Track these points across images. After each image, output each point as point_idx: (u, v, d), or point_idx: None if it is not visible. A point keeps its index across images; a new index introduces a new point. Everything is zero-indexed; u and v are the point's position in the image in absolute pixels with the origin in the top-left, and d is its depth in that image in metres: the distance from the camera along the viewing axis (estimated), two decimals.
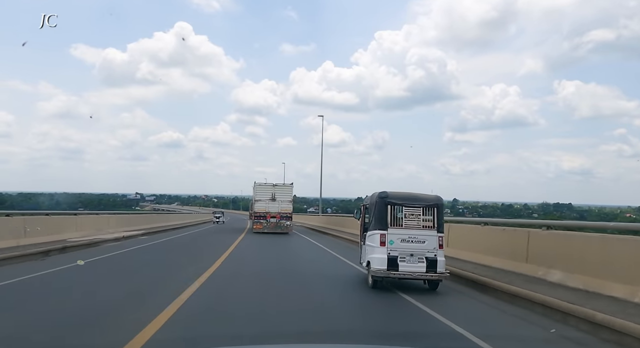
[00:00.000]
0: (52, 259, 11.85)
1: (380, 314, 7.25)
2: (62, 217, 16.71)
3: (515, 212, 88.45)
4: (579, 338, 5.67)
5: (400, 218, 8.66)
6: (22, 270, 9.78)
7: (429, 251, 8.48)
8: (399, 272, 8.37)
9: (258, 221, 25.39)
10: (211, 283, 8.83)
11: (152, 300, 7.22)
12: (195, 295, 7.47)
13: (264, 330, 5.71)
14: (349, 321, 6.53)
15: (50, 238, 14.17)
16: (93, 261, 11.84)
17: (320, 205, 44.64)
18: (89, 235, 16.71)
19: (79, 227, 16.79)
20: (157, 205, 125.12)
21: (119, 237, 18.30)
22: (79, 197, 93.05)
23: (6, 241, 12.14)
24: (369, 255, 8.90)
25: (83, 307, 6.76)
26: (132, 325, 5.44)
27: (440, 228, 8.64)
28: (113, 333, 5.29)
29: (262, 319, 6.24)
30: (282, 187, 26.30)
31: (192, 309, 6.58)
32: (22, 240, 12.86)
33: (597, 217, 65.94)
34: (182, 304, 6.71)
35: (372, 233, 8.89)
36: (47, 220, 14.90)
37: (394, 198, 8.73)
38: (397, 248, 8.46)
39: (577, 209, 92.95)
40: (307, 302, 7.75)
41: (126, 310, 6.60)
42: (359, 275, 10.41)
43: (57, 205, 59.55)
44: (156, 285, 8.93)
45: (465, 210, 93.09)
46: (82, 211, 30.37)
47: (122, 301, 7.25)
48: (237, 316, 6.36)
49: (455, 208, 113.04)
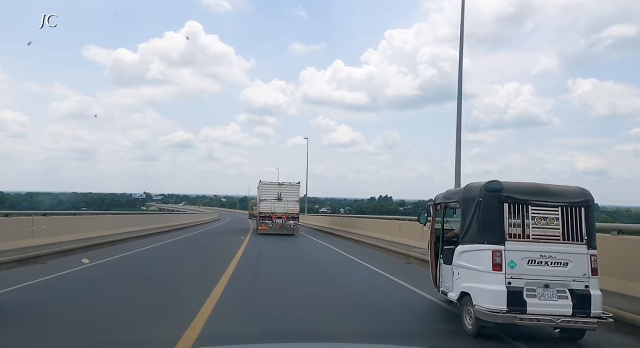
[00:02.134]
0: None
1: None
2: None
3: None
4: None
5: (524, 225, 5.32)
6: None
7: (575, 279, 5.13)
8: (528, 315, 5.02)
9: (263, 222, 23.99)
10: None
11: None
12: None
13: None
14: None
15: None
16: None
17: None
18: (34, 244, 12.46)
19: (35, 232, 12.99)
20: (164, 205, 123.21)
21: (68, 249, 12.95)
22: (84, 196, 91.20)
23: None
24: (468, 284, 5.56)
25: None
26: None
27: (591, 242, 5.28)
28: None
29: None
30: (288, 186, 24.64)
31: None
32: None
33: (629, 218, 61.98)
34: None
35: (473, 248, 5.53)
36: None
37: (515, 191, 5.36)
38: (521, 275, 5.13)
39: (603, 210, 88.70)
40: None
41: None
42: (428, 305, 7.29)
43: (59, 205, 58.08)
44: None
45: None
46: (83, 211, 29.08)
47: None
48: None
49: None
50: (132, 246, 16.18)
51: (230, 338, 5.17)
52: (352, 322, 6.26)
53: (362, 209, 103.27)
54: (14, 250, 11.25)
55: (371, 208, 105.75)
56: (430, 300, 7.56)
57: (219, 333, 5.37)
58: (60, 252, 12.42)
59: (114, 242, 16.55)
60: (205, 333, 5.13)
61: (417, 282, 8.95)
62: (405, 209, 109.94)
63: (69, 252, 12.82)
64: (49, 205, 54.70)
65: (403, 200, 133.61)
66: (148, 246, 16.48)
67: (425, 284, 7.87)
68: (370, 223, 23.82)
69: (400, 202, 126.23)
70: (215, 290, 7.69)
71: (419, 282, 8.86)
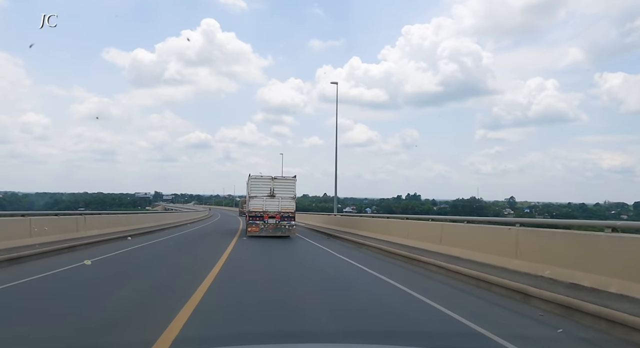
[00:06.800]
0: None
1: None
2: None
3: (594, 211, 75.38)
4: None
5: None
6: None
7: None
8: None
9: (253, 222, 21.04)
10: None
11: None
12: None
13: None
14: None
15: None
16: None
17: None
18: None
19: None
20: (170, 205, 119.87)
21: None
22: (82, 196, 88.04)
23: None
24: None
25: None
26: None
27: None
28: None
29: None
30: (282, 180, 21.77)
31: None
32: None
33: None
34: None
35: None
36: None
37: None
38: None
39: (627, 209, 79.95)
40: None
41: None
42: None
43: (54, 205, 54.32)
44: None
45: (534, 211, 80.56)
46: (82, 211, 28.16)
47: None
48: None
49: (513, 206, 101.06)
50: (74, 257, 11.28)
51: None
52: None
53: (391, 209, 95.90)
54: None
55: (401, 207, 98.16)
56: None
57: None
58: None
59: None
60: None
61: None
62: (439, 208, 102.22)
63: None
64: (43, 205, 50.15)
65: (433, 199, 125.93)
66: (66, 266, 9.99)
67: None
68: (400, 226, 16.25)
69: (432, 201, 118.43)
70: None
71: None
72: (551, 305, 6.23)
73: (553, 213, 73.45)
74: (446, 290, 8.07)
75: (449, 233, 12.14)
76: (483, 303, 7.00)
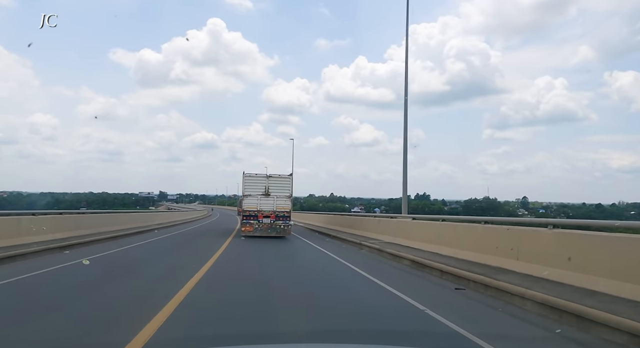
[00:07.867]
0: None
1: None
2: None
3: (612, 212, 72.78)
4: None
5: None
6: None
7: None
8: None
9: (248, 222, 20.48)
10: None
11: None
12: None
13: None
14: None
15: None
16: None
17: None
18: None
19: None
20: (174, 205, 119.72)
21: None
22: (84, 196, 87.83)
23: None
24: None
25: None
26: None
27: None
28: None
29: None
30: (278, 179, 21.01)
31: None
32: None
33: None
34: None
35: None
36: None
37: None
38: None
39: None
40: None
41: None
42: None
43: (55, 204, 53.83)
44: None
45: (549, 211, 78.13)
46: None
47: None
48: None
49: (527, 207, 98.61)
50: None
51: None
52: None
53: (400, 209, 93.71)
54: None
55: (411, 207, 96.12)
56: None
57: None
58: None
59: None
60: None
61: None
62: (450, 209, 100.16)
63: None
64: (44, 204, 49.40)
65: (443, 199, 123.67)
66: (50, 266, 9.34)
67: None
68: (418, 228, 14.36)
69: (442, 201, 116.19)
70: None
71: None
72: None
73: (570, 213, 70.97)
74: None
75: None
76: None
